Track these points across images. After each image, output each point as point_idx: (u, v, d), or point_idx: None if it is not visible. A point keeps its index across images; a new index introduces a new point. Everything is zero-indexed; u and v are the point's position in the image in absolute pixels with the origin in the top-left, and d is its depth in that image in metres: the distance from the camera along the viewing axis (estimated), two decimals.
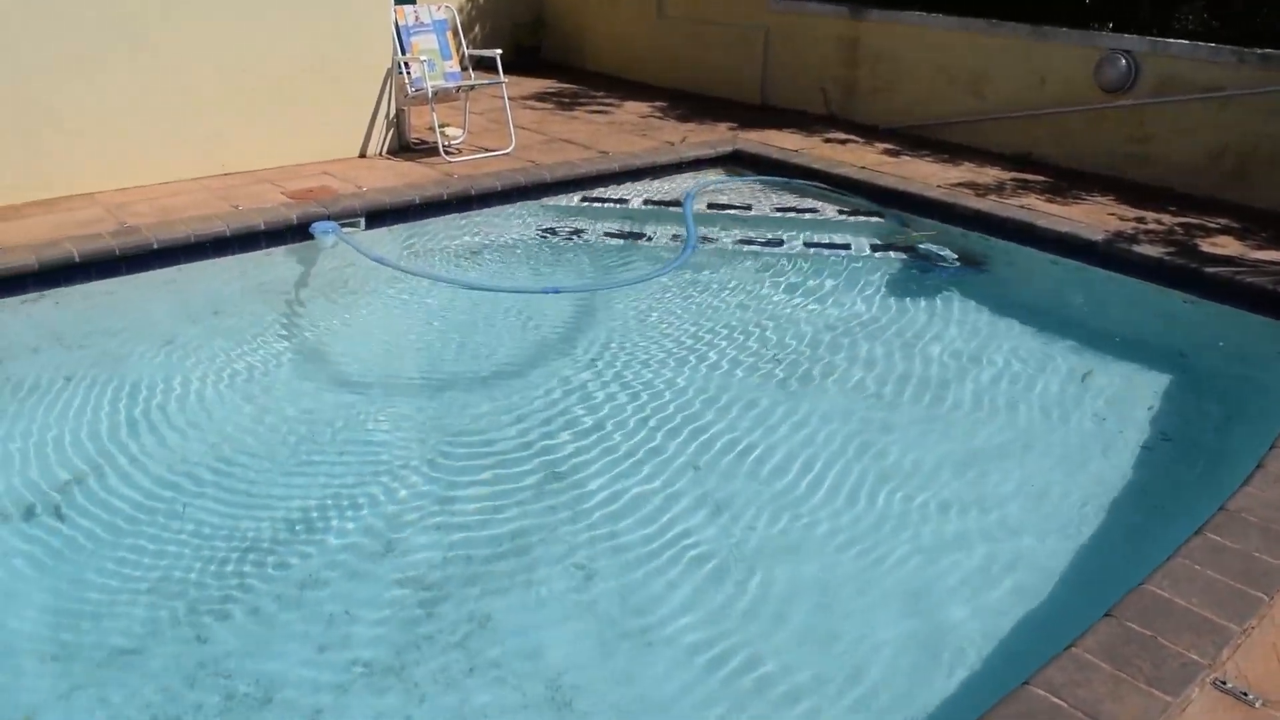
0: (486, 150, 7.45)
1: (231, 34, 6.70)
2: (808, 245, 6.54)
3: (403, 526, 3.98)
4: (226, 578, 3.71)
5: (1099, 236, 6.11)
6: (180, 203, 6.16)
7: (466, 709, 3.13)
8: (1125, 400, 4.95)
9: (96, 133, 6.40)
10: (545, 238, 6.67)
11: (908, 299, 5.94)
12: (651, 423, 4.63)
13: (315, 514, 4.05)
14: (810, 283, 6.16)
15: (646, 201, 7.05)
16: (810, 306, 5.86)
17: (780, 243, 6.57)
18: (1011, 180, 7.35)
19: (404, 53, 7.30)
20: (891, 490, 4.19)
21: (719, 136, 8.37)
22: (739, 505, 4.09)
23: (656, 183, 7.42)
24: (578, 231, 6.73)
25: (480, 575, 3.69)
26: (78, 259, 5.15)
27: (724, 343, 5.41)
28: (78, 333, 5.16)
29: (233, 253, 5.57)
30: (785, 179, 7.48)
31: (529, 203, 6.73)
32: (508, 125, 7.57)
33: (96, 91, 6.33)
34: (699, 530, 3.93)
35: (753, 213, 6.91)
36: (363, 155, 7.40)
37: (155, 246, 5.32)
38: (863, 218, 6.89)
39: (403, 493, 4.18)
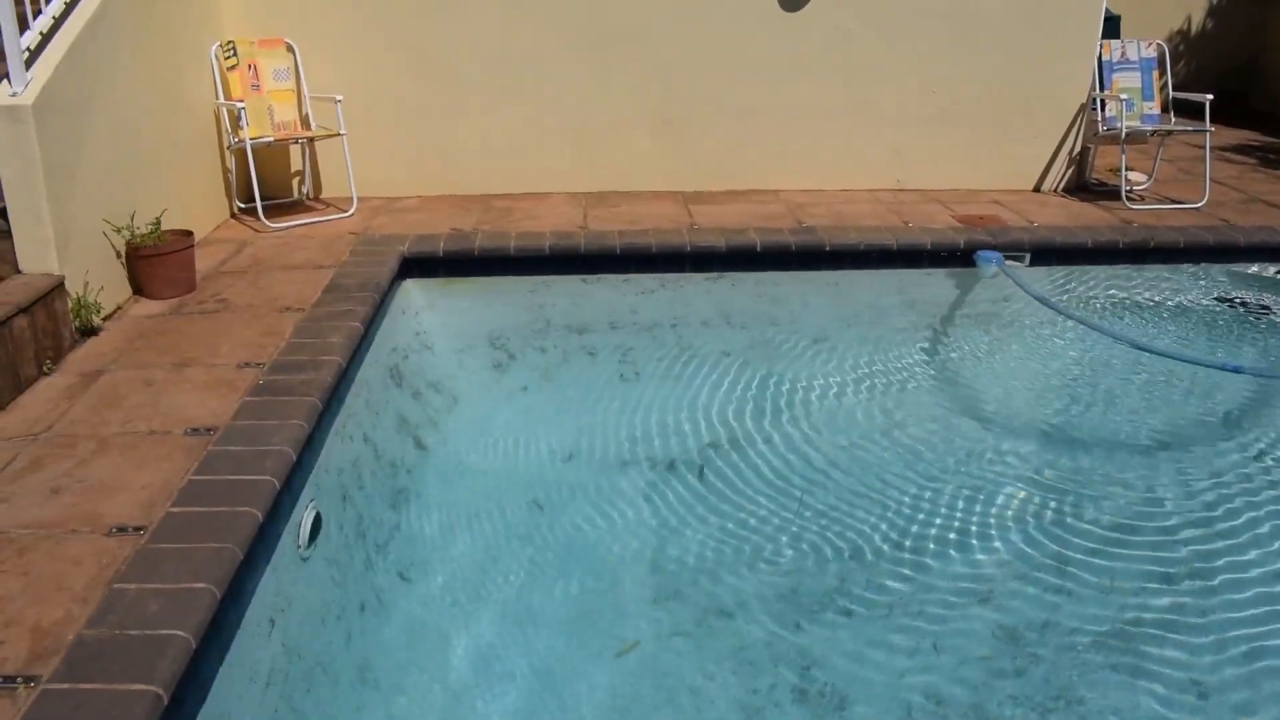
0: (1172, 201, 6.87)
1: (931, 54, 6.85)
2: None
3: (1008, 576, 3.84)
4: (828, 575, 3.84)
5: None
6: (853, 210, 6.45)
7: None
8: None
9: (792, 136, 6.95)
10: (1225, 307, 6.00)
11: None
12: None
13: (922, 536, 4.05)
14: None
15: None
16: None
17: None
18: None
19: (1102, 89, 6.95)
20: None
21: None
22: None
23: None
24: (1266, 307, 5.97)
25: (1082, 653, 3.44)
26: (759, 249, 5.57)
27: None
28: (743, 314, 5.61)
29: (895, 267, 5.68)
30: None
31: (1212, 265, 6.08)
32: (1204, 177, 6.91)
33: (799, 100, 6.85)
34: None
35: None
36: (1037, 189, 7.20)
37: (827, 249, 5.60)
38: None
39: (1014, 542, 4.03)
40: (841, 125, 6.95)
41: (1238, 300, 6.04)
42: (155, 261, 4.73)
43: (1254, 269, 6.14)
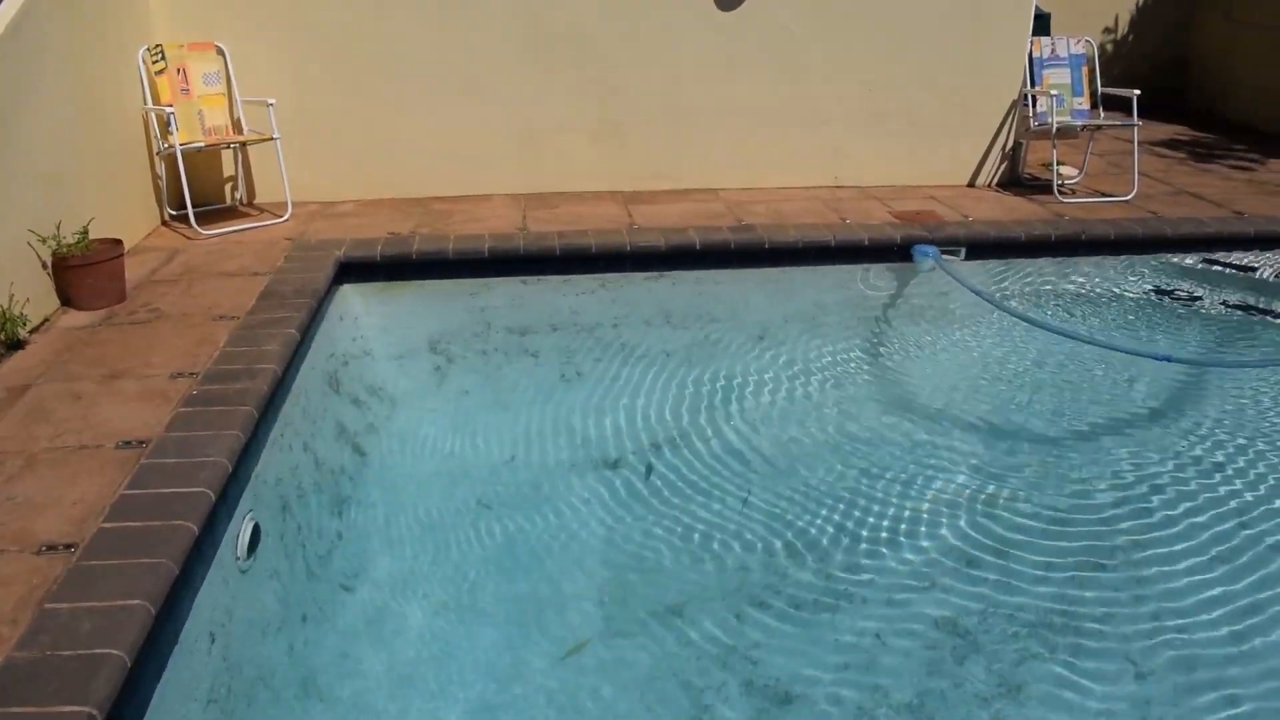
0: (1103, 195, 7.01)
1: (870, 56, 6.92)
2: None
3: (948, 567, 3.89)
4: (773, 569, 3.86)
5: None
6: (792, 209, 6.49)
7: None
8: None
9: (732, 135, 6.98)
10: (1154, 297, 6.14)
11: None
12: (1247, 525, 4.08)
13: (864, 530, 4.09)
14: None
15: None
16: None
17: None
18: None
19: (1033, 85, 7.07)
20: None
21: None
22: None
23: None
24: (1194, 296, 6.11)
25: (1021, 639, 3.49)
26: (698, 247, 5.59)
27: None
28: (684, 314, 5.61)
29: (833, 263, 5.72)
30: None
31: (1142, 257, 6.21)
32: (1132, 171, 7.05)
33: (738, 98, 6.89)
34: None
35: None
36: (971, 185, 7.31)
37: (766, 246, 5.63)
38: None
39: (952, 533, 4.08)
40: (780, 124, 6.99)
41: (1167, 290, 6.17)
42: (83, 271, 4.62)
43: (1182, 259, 6.30)
